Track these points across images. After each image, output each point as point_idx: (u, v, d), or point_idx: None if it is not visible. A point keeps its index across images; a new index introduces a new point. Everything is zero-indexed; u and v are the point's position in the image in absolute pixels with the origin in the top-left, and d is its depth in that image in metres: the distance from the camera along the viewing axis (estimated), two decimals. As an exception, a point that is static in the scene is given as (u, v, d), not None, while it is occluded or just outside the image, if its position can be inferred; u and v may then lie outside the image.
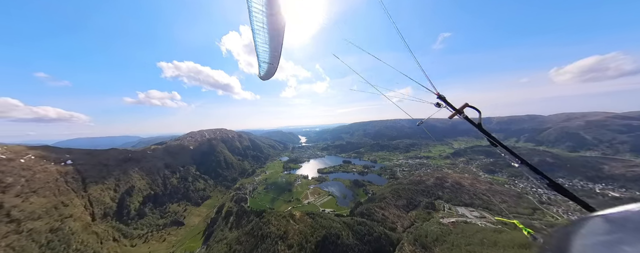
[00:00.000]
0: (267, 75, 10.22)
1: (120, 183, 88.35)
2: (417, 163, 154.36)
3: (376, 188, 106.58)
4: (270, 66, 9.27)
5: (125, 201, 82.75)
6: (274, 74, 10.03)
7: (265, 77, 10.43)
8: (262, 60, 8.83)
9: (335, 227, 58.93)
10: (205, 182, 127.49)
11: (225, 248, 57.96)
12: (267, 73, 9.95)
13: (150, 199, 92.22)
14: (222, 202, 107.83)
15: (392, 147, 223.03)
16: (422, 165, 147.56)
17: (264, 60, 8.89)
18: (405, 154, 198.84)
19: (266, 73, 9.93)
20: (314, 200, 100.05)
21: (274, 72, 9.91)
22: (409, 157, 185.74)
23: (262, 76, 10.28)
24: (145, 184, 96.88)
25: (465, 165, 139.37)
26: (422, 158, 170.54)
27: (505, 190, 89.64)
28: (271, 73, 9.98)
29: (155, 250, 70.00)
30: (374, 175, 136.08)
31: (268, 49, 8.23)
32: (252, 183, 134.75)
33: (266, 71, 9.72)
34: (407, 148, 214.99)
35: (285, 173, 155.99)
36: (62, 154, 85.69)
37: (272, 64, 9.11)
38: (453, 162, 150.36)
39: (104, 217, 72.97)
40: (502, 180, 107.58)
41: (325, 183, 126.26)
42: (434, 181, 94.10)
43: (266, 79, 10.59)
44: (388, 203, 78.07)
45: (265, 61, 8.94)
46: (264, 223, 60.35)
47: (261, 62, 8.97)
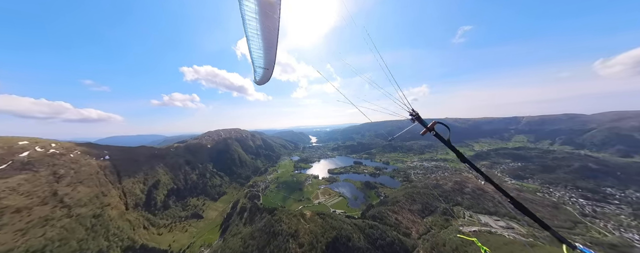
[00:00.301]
0: (262, 80, 10.09)
1: (148, 178, 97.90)
2: (433, 166, 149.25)
3: (389, 191, 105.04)
4: (265, 71, 9.21)
5: (152, 193, 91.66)
6: (270, 78, 9.98)
7: (261, 82, 10.34)
8: (257, 65, 8.76)
9: (346, 228, 58.79)
10: (221, 178, 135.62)
11: (240, 243, 61.58)
12: (262, 78, 9.84)
13: (173, 193, 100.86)
14: (236, 198, 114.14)
15: (406, 149, 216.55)
16: (439, 168, 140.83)
17: (259, 66, 8.82)
18: (420, 156, 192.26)
19: (262, 78, 9.83)
20: (325, 201, 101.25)
21: (269, 77, 9.85)
22: (424, 159, 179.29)
23: (258, 81, 10.14)
24: (168, 179, 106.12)
25: (489, 170, 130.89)
26: (439, 161, 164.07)
27: (537, 199, 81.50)
28: (267, 78, 9.93)
29: (178, 240, 76.91)
30: (386, 177, 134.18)
31: (262, 54, 8.21)
32: (265, 181, 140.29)
33: (262, 76, 9.66)
34: (422, 150, 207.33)
35: (296, 172, 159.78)
36: (101, 150, 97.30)
37: (268, 69, 9.09)
38: None
39: (135, 207, 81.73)
40: (534, 187, 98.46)
41: (336, 184, 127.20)
42: (452, 185, 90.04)
43: (262, 84, 10.58)
44: (402, 207, 75.86)
45: (261, 66, 8.84)
46: (275, 221, 63.08)
47: (256, 67, 8.89)
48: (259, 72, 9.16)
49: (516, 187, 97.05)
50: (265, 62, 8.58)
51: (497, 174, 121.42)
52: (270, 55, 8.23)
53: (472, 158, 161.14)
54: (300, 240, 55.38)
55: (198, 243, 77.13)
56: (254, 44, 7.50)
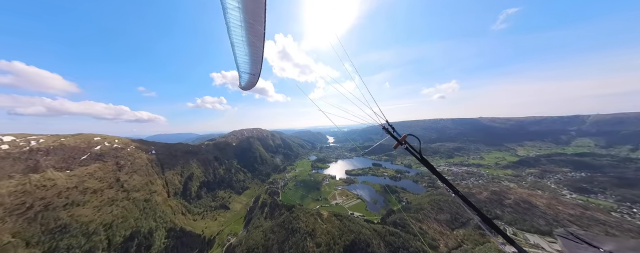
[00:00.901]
0: (248, 85, 9.98)
1: (184, 170, 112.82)
2: (463, 172, 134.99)
3: (412, 196, 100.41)
4: (251, 77, 9.12)
5: (188, 184, 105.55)
6: (256, 83, 9.77)
7: (247, 87, 10.19)
8: (243, 70, 8.69)
9: (365, 233, 57.52)
10: (245, 174, 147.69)
11: (262, 235, 67.39)
12: (248, 83, 9.76)
13: (205, 185, 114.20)
14: (258, 193, 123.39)
15: (431, 151, 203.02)
16: (471, 175, 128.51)
17: (245, 71, 8.76)
18: (447, 160, 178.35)
19: (247, 83, 9.75)
20: (342, 202, 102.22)
21: (255, 82, 9.68)
22: (452, 163, 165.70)
23: (243, 86, 9.99)
24: (200, 172, 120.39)
25: (537, 179, 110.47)
26: (471, 166, 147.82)
27: (612, 220, 63.48)
28: (253, 83, 9.82)
29: (209, 226, 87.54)
30: (408, 182, 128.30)
31: (248, 60, 8.20)
32: (283, 179, 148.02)
33: (247, 81, 9.59)
34: (451, 153, 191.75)
35: (314, 172, 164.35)
36: (149, 146, 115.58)
37: (253, 75, 8.97)
38: (517, 174, 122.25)
39: (175, 195, 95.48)
40: (606, 205, 78.19)
41: (354, 185, 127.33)
42: (488, 195, 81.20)
43: (247, 89, 10.34)
44: (427, 216, 71.47)
45: (246, 72, 8.78)
46: (293, 218, 66.96)
47: (242, 72, 8.82)
48: (244, 77, 9.21)
49: (579, 202, 78.04)
50: (250, 68, 8.61)
51: (549, 185, 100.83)
52: (256, 61, 8.26)
53: (515, 164, 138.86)
54: (317, 240, 56.09)
55: (226, 231, 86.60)
56: (239, 50, 7.54)
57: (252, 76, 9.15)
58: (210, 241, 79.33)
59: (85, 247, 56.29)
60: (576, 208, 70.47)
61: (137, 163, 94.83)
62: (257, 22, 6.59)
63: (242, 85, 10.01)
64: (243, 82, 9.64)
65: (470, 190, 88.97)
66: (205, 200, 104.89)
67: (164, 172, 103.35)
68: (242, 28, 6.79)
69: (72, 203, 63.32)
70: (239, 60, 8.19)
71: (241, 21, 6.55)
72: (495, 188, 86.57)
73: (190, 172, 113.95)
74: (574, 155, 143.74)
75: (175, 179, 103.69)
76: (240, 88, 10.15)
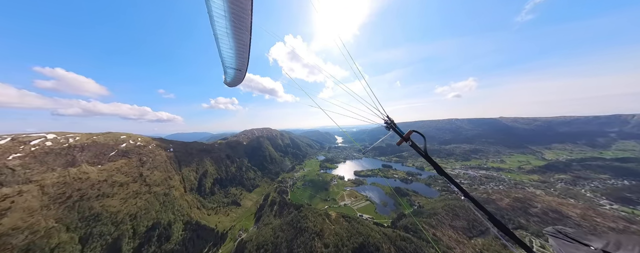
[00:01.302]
0: (234, 82, 9.27)
1: (199, 168, 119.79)
2: (482, 176, 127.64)
3: (424, 200, 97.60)
4: (237, 72, 8.40)
5: (202, 181, 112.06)
6: (242, 80, 9.03)
7: (232, 84, 9.50)
8: (228, 65, 7.95)
9: (374, 236, 56.69)
10: (255, 172, 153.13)
11: (271, 232, 69.87)
12: (234, 79, 9.03)
13: (218, 182, 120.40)
14: (268, 191, 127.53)
15: (446, 153, 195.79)
16: (490, 179, 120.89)
17: (231, 67, 8.02)
18: (463, 163, 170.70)
19: (233, 79, 9.02)
20: (351, 203, 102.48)
21: (242, 78, 8.94)
22: (469, 166, 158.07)
23: (229, 82, 9.30)
24: (214, 170, 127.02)
25: (569, 186, 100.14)
26: (490, 170, 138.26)
27: None
28: (239, 79, 9.05)
29: (222, 221, 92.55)
30: (420, 185, 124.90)
31: (234, 54, 7.48)
32: (292, 178, 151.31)
33: (233, 77, 8.81)
34: (467, 156, 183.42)
35: (322, 172, 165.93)
36: (168, 144, 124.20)
37: (240, 70, 8.26)
38: (544, 180, 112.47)
39: (191, 191, 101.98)
40: None
41: (363, 187, 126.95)
42: (510, 202, 75.83)
43: (233, 85, 9.65)
44: (441, 222, 68.76)
45: (232, 67, 8.05)
46: (302, 217, 68.32)
47: (227, 68, 8.09)
48: (230, 73, 8.40)
49: (622, 215, 68.87)
50: (237, 62, 7.83)
51: (584, 194, 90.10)
52: (243, 55, 7.57)
53: (542, 169, 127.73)
54: (325, 241, 56.43)
55: (237, 226, 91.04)
56: (224, 43, 6.84)
57: (238, 72, 8.31)
58: (223, 235, 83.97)
59: (114, 235, 62.65)
60: (618, 221, 62.77)
61: (157, 160, 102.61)
62: (243, 12, 6.07)
63: (227, 81, 9.16)
64: (228, 78, 8.76)
65: (490, 196, 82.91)
66: (218, 196, 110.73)
67: (180, 168, 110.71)
68: (227, 19, 6.20)
69: (103, 194, 70.61)
70: (224, 55, 7.41)
71: (225, 11, 5.98)
72: (519, 195, 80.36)
73: (204, 169, 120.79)
74: (614, 160, 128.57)
75: (191, 175, 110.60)
76: (225, 84, 9.29)
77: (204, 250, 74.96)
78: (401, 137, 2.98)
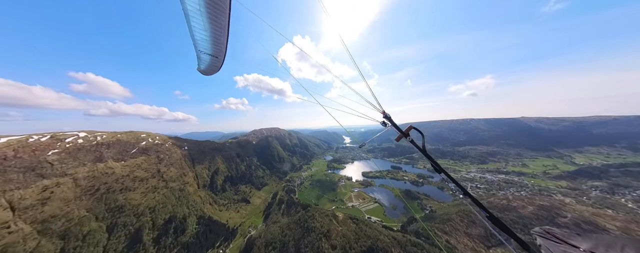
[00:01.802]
0: (209, 69, 7.71)
1: (211, 165, 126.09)
2: (500, 180, 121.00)
3: (436, 204, 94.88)
4: (213, 59, 7.09)
5: (214, 178, 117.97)
6: (219, 68, 7.47)
7: (208, 71, 7.92)
8: (202, 50, 6.67)
9: (383, 240, 55.95)
10: (264, 171, 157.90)
11: (279, 231, 72.18)
12: (209, 66, 7.56)
13: (229, 179, 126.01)
14: (276, 190, 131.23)
15: (460, 155, 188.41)
16: (511, 184, 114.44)
17: (205, 52, 6.74)
18: (480, 166, 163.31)
19: (208, 67, 7.55)
20: (359, 205, 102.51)
21: (219, 66, 7.45)
22: (486, 170, 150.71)
23: (204, 70, 7.75)
24: (225, 168, 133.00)
25: (606, 195, 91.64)
26: (511, 174, 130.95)
27: None
28: (215, 67, 7.57)
29: (232, 218, 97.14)
30: (432, 188, 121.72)
31: (208, 37, 6.26)
32: (300, 177, 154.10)
33: (209, 64, 7.36)
34: (484, 158, 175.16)
35: (329, 172, 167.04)
36: (182, 143, 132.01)
37: (216, 57, 7.00)
38: (575, 186, 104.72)
39: (203, 187, 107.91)
40: None
41: (371, 188, 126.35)
42: (534, 211, 70.01)
43: (209, 73, 8.07)
44: (455, 228, 66.03)
45: (207, 53, 6.78)
46: (309, 217, 69.29)
47: (201, 53, 6.79)
48: (204, 59, 7.07)
49: None
50: (212, 48, 6.54)
51: (625, 204, 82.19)
52: (219, 40, 6.38)
53: (572, 175, 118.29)
54: (333, 242, 56.26)
55: (247, 223, 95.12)
56: (196, 23, 5.79)
57: (214, 59, 7.00)
58: (233, 231, 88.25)
59: (136, 225, 68.54)
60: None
61: (173, 157, 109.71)
62: None
63: (201, 68, 7.69)
64: (203, 64, 7.36)
65: (510, 203, 76.58)
66: (229, 193, 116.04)
67: (194, 165, 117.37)
68: None
69: (126, 188, 77.31)
70: (197, 37, 6.22)
71: None
72: (545, 203, 73.88)
73: (216, 166, 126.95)
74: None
75: (204, 173, 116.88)
76: (198, 71, 7.76)
77: (216, 244, 79.40)
78: (400, 133, 2.87)
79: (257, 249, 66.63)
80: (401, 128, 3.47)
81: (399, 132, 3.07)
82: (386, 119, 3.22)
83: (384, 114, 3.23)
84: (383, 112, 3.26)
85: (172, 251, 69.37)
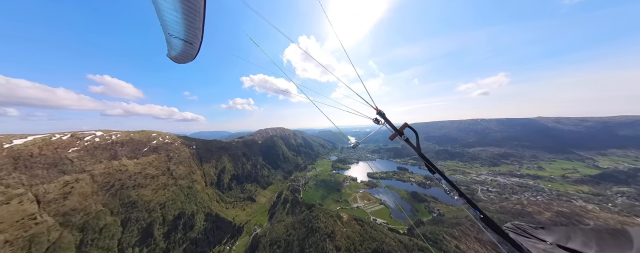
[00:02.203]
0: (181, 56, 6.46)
1: (218, 164, 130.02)
2: (514, 184, 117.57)
3: (445, 208, 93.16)
4: (186, 46, 5.96)
5: (221, 176, 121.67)
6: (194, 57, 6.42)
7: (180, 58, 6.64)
8: (173, 34, 5.48)
9: (389, 243, 55.34)
10: (269, 170, 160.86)
11: (284, 230, 73.63)
12: (181, 53, 6.34)
13: (235, 178, 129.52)
14: (281, 189, 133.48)
15: (470, 157, 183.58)
16: (525, 188, 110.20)
17: (177, 36, 5.55)
18: (491, 168, 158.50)
19: (180, 53, 6.32)
20: (364, 206, 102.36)
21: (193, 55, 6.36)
22: (498, 172, 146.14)
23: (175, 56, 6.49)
24: (231, 167, 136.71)
25: (634, 202, 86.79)
26: (525, 178, 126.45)
27: None
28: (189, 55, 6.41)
29: (238, 215, 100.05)
30: (439, 191, 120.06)
31: (180, 19, 5.15)
32: (304, 177, 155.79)
33: (181, 51, 6.20)
34: (495, 160, 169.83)
35: (334, 172, 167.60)
36: (191, 142, 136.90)
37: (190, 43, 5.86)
38: (598, 192, 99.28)
39: (210, 185, 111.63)
40: None
41: (376, 189, 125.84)
42: (552, 217, 66.79)
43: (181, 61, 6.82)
44: (465, 233, 64.08)
45: (179, 37, 5.61)
46: (313, 217, 70.01)
47: (171, 36, 5.59)
48: (176, 44, 5.90)
49: None
50: (185, 32, 5.46)
51: None
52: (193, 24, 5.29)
53: (594, 179, 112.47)
54: (337, 243, 56.23)
55: (253, 221, 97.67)
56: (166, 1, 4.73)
57: (188, 45, 5.95)
58: (239, 228, 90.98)
59: (148, 220, 72.34)
60: None
61: (182, 155, 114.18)
62: None
63: (172, 55, 6.47)
64: (173, 50, 6.18)
65: (525, 208, 73.39)
66: (235, 191, 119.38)
67: (202, 164, 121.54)
68: None
69: (138, 185, 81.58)
70: (167, 18, 5.09)
71: None
72: (564, 209, 70.37)
73: (223, 165, 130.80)
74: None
75: (211, 171, 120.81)
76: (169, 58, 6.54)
77: (223, 241, 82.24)
78: (395, 131, 2.74)
79: (262, 247, 68.60)
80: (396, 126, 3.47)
81: (392, 130, 2.97)
82: (379, 115, 3.03)
83: (378, 110, 3.06)
84: (376, 109, 3.10)
85: (182, 246, 72.66)
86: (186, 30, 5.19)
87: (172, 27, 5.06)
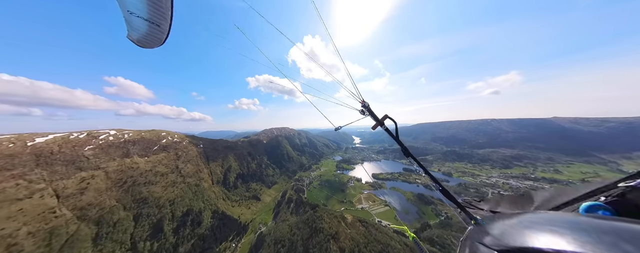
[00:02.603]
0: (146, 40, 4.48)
1: (224, 163, 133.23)
2: (528, 187, 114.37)
3: (452, 211, 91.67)
4: (152, 27, 4.01)
5: (227, 175, 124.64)
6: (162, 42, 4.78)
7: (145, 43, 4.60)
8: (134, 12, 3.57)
9: (395, 246, 54.84)
10: (273, 170, 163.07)
11: (288, 229, 74.49)
12: (146, 36, 4.31)
13: (240, 177, 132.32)
14: (285, 188, 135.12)
15: (479, 158, 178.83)
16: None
17: (139, 15, 3.65)
18: (503, 170, 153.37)
19: (145, 36, 4.30)
20: (368, 207, 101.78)
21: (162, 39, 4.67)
22: (510, 175, 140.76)
23: (137, 39, 4.39)
24: (237, 166, 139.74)
25: None
26: (540, 181, 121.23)
27: None
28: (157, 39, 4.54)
29: (244, 214, 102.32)
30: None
31: None
32: (309, 177, 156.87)
33: (145, 33, 4.18)
34: (507, 162, 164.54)
35: (338, 172, 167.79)
36: (198, 141, 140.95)
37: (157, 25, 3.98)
38: None
39: (217, 183, 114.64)
40: None
41: (381, 191, 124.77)
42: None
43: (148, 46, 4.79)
44: None
45: (142, 17, 3.69)
46: (317, 217, 69.93)
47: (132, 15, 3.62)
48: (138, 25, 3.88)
49: None
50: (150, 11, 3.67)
51: None
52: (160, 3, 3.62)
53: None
54: (341, 244, 56.07)
55: (258, 220, 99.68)
56: None
57: (153, 27, 4.03)
58: (245, 226, 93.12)
59: (158, 216, 75.42)
60: None
61: (189, 154, 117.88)
62: None
63: (133, 38, 4.40)
64: (136, 32, 4.08)
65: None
66: (240, 190, 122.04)
67: (209, 163, 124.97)
68: None
69: (148, 182, 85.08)
70: None
71: None
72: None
73: (229, 164, 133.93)
74: None
75: (217, 170, 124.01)
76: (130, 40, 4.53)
77: (229, 238, 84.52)
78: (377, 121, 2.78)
79: (266, 246, 70.08)
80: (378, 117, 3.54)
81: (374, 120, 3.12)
82: (364, 107, 3.10)
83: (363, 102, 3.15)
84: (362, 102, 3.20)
85: (190, 242, 75.32)
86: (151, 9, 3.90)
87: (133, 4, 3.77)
